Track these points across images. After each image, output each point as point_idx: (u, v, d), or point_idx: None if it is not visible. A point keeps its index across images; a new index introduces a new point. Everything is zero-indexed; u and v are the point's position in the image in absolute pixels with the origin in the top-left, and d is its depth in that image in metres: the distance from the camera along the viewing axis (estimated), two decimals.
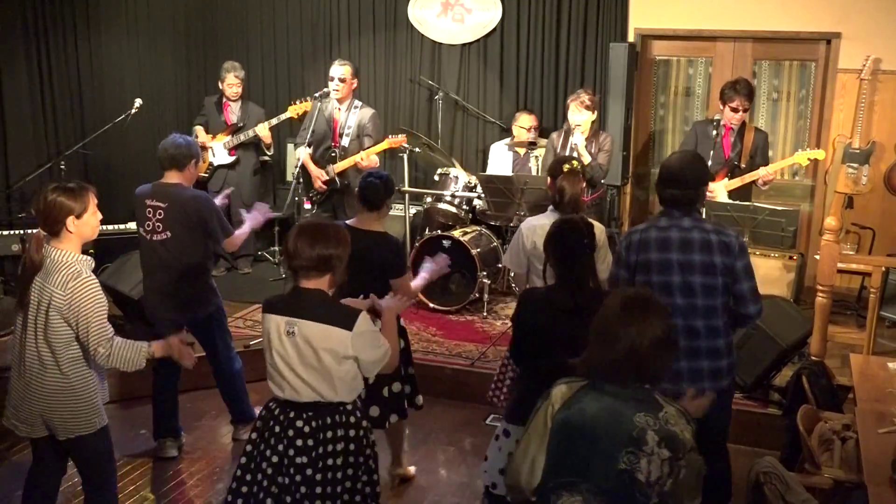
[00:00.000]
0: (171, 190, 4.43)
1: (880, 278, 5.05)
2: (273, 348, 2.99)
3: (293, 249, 2.95)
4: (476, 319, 6.40)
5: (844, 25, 6.74)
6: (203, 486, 4.44)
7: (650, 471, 2.22)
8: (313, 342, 2.93)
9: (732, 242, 3.40)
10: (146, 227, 4.43)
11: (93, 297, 3.23)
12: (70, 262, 3.24)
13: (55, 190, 3.26)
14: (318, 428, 3.00)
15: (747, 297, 3.43)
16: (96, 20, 7.30)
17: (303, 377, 2.97)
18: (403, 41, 7.87)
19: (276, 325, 2.98)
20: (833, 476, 3.48)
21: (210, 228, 4.42)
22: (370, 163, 6.15)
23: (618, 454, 2.23)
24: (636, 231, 3.55)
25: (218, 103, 7.17)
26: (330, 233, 3.00)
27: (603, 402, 2.32)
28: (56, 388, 3.30)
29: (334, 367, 2.95)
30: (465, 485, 4.47)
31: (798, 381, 4.36)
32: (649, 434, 2.23)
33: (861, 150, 6.68)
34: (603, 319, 2.38)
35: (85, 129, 7.12)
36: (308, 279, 2.99)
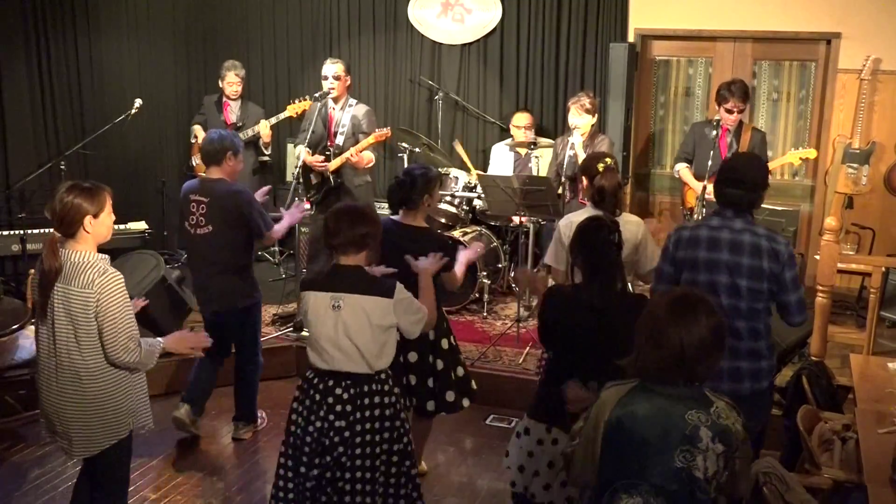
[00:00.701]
0: (213, 185, 4.58)
1: (880, 278, 5.06)
2: (317, 322, 3.26)
3: (334, 229, 3.26)
4: (476, 320, 6.40)
5: (844, 26, 6.74)
6: (203, 485, 4.44)
7: (706, 467, 2.25)
8: (361, 313, 3.22)
9: (782, 251, 3.36)
10: (190, 221, 4.58)
11: (120, 294, 3.19)
12: (92, 261, 3.20)
13: (71, 190, 3.21)
14: (356, 395, 3.27)
15: (793, 308, 3.42)
16: (96, 20, 7.30)
17: (344, 349, 3.23)
18: (403, 41, 7.87)
19: (320, 301, 3.26)
20: (833, 476, 3.48)
21: (251, 222, 4.57)
22: (361, 159, 6.13)
23: (673, 453, 2.26)
24: (686, 227, 3.55)
25: (218, 102, 7.16)
26: (365, 213, 3.34)
27: (654, 403, 2.33)
28: (92, 399, 3.21)
29: (379, 335, 3.25)
30: (465, 485, 4.48)
31: (798, 381, 4.36)
32: (702, 431, 2.25)
33: (861, 150, 6.68)
34: (651, 320, 2.38)
35: (85, 129, 7.12)
36: (347, 256, 3.29)
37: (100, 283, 3.14)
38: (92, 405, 3.23)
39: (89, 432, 3.25)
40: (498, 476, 4.54)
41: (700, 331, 2.30)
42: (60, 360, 3.20)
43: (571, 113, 5.84)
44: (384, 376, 3.35)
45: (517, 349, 5.67)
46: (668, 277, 3.54)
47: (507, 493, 4.36)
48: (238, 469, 4.64)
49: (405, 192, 4.04)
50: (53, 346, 3.21)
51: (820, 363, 4.61)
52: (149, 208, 7.53)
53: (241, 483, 4.49)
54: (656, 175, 7.66)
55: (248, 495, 4.37)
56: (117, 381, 3.27)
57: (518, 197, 5.59)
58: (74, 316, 3.16)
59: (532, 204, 5.61)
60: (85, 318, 3.15)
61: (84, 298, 3.14)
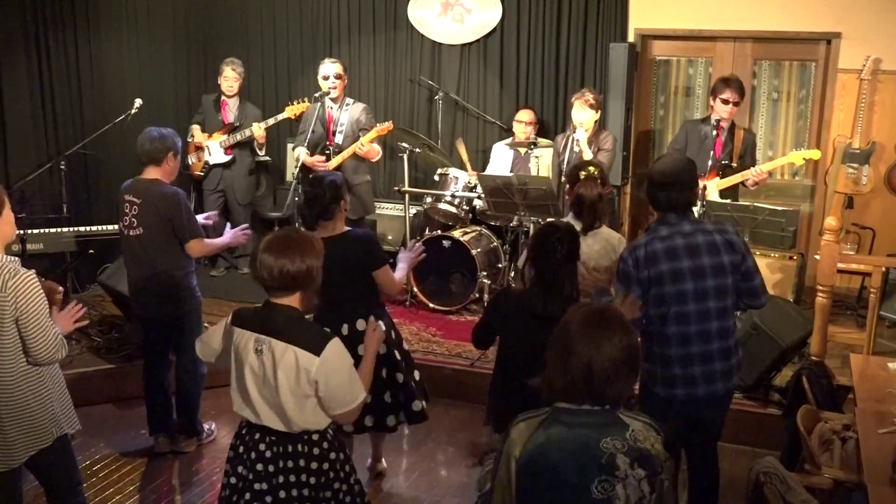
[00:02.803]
0: (148, 186, 4.41)
1: (880, 278, 5.05)
2: (239, 365, 2.84)
3: (261, 262, 2.76)
4: (476, 320, 6.38)
5: (844, 25, 6.74)
6: (203, 485, 4.44)
7: (628, 495, 2.12)
8: (282, 363, 2.75)
9: (736, 240, 3.42)
10: (124, 222, 4.45)
11: (37, 292, 3.05)
12: (2, 263, 3.02)
13: None
14: (278, 454, 2.84)
15: (759, 290, 3.47)
16: (96, 20, 7.30)
17: (267, 399, 2.80)
18: (403, 41, 7.86)
19: (244, 340, 2.83)
20: (833, 476, 3.48)
21: (175, 227, 4.38)
22: (370, 151, 6.18)
23: (590, 485, 2.12)
24: (639, 246, 3.43)
25: (216, 101, 7.16)
26: (297, 247, 2.78)
27: (564, 434, 2.18)
28: (7, 411, 3.08)
29: (294, 394, 2.76)
30: (464, 485, 4.47)
31: (798, 381, 4.36)
32: (619, 458, 2.13)
33: (861, 150, 6.68)
34: (561, 335, 2.23)
35: (85, 129, 7.11)
36: (276, 296, 2.83)
37: (13, 284, 2.99)
38: (7, 416, 3.09)
39: (7, 443, 3.11)
40: None
41: (611, 350, 2.15)
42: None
43: (575, 108, 5.84)
44: (316, 437, 2.86)
45: None
46: (638, 300, 3.40)
47: None
48: None
49: (321, 206, 3.81)
50: None
51: (820, 363, 4.61)
52: None
53: None
54: None
55: None
56: (33, 390, 3.15)
57: (518, 197, 5.59)
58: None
59: (532, 204, 5.60)
60: (5, 322, 3.01)
61: (1, 301, 2.99)
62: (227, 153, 7.08)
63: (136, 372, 4.85)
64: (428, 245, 6.32)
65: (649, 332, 3.46)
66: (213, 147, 7.06)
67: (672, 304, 3.36)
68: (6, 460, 3.14)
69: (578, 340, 2.18)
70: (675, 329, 3.39)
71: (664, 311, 3.39)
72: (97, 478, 4.46)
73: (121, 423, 5.05)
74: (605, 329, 2.18)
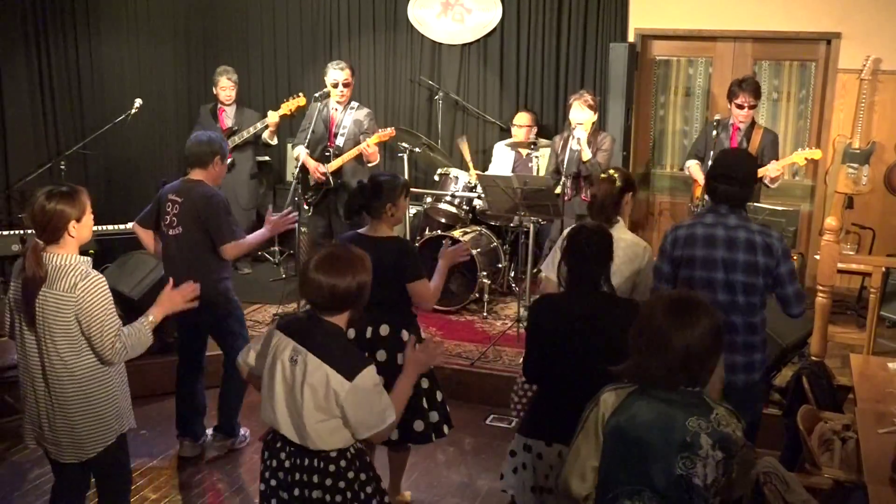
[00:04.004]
0: (192, 186, 4.42)
1: (880, 278, 5.05)
2: (276, 370, 2.78)
3: (309, 284, 2.71)
4: (476, 319, 6.40)
5: (844, 25, 6.74)
6: (204, 485, 4.44)
7: (706, 474, 2.21)
8: (312, 379, 2.68)
9: (775, 245, 3.42)
10: (164, 221, 4.45)
11: (103, 295, 3.15)
12: (75, 264, 3.14)
13: (51, 197, 3.14)
14: (295, 466, 2.79)
15: (791, 300, 3.48)
16: (96, 20, 7.30)
17: (290, 410, 2.74)
18: (403, 41, 7.87)
19: (282, 346, 2.78)
20: (833, 476, 3.48)
21: (210, 228, 4.35)
22: (374, 151, 6.14)
23: (673, 460, 2.22)
24: (682, 226, 3.57)
25: (213, 110, 7.14)
26: (348, 265, 2.73)
27: (654, 408, 2.29)
28: (78, 405, 3.19)
29: (319, 411, 2.69)
30: (465, 485, 4.47)
31: (798, 381, 4.36)
32: (703, 438, 2.22)
33: (861, 150, 6.68)
34: (649, 325, 2.31)
35: (85, 129, 7.12)
36: (324, 314, 2.77)
37: (82, 286, 3.10)
38: (78, 411, 3.19)
39: (78, 438, 3.22)
40: (497, 476, 4.54)
41: (703, 333, 2.26)
42: (49, 365, 3.16)
43: (574, 108, 5.85)
44: (334, 454, 2.75)
45: (517, 349, 5.67)
46: (668, 276, 3.58)
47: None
48: (239, 469, 4.64)
49: (365, 199, 3.79)
50: (39, 352, 3.16)
51: (820, 363, 4.61)
52: None
53: (241, 483, 4.49)
54: (656, 175, 7.66)
55: (246, 495, 4.36)
56: (101, 386, 3.23)
57: (518, 197, 5.59)
58: (57, 320, 3.11)
59: (532, 204, 5.61)
60: (65, 322, 3.11)
61: (65, 301, 3.10)
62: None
63: (138, 372, 4.84)
64: (428, 245, 6.34)
65: None
66: None
67: (700, 289, 3.41)
68: (77, 452, 3.24)
69: (671, 328, 2.26)
70: None
71: (655, 292, 3.48)
72: None
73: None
74: (694, 314, 2.28)
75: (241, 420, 4.80)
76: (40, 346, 3.16)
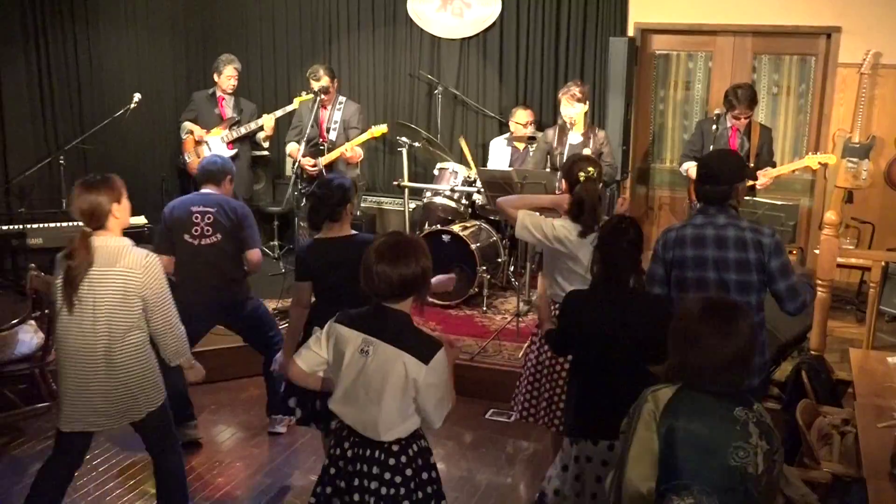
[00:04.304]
0: (217, 197, 4.67)
1: (880, 273, 5.05)
2: (341, 363, 2.80)
3: (376, 276, 2.73)
4: (475, 314, 6.40)
5: (844, 19, 6.73)
6: (203, 479, 4.45)
7: (758, 463, 2.25)
8: (386, 368, 2.72)
9: (767, 242, 3.42)
10: (192, 233, 4.56)
11: (162, 272, 3.44)
12: (126, 244, 3.39)
13: (90, 187, 3.37)
14: (357, 456, 2.82)
15: (784, 296, 3.46)
16: (95, 15, 7.29)
17: (358, 401, 2.77)
18: (403, 36, 7.86)
19: (351, 340, 2.79)
20: (832, 470, 3.48)
21: (245, 233, 4.61)
22: (355, 154, 6.41)
23: (727, 451, 2.26)
24: (672, 229, 3.60)
25: (211, 98, 7.12)
26: (411, 251, 2.76)
27: (704, 402, 2.34)
28: (120, 376, 3.42)
29: (397, 399, 2.73)
30: (464, 479, 4.48)
31: (797, 375, 4.36)
32: (751, 427, 2.27)
33: (861, 144, 6.67)
34: (691, 330, 2.36)
35: (84, 123, 7.11)
36: (391, 302, 2.79)
37: (144, 263, 3.37)
38: (131, 376, 3.44)
39: (134, 400, 3.47)
40: (497, 471, 4.55)
41: (748, 338, 2.34)
42: (110, 341, 3.37)
43: (563, 104, 5.86)
44: (396, 448, 2.79)
45: (517, 343, 5.67)
46: (660, 279, 3.58)
47: (506, 487, 4.38)
48: (237, 463, 4.65)
49: (329, 208, 3.81)
50: (95, 331, 3.35)
51: (819, 357, 4.61)
52: (147, 203, 7.50)
53: (241, 477, 4.50)
54: (656, 170, 7.66)
55: (246, 490, 4.37)
56: (149, 355, 3.52)
57: (517, 191, 5.58)
58: (119, 295, 3.34)
59: None
60: (128, 297, 3.35)
61: (128, 278, 3.34)
62: (229, 147, 7.07)
63: None
64: (427, 240, 6.34)
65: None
66: (214, 142, 7.04)
67: (692, 289, 3.46)
68: (130, 414, 3.50)
69: (718, 334, 2.32)
70: None
71: (685, 296, 3.46)
72: (97, 472, 4.47)
73: None
74: (735, 318, 2.34)
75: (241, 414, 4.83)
76: (96, 325, 3.35)
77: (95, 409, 3.44)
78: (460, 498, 4.34)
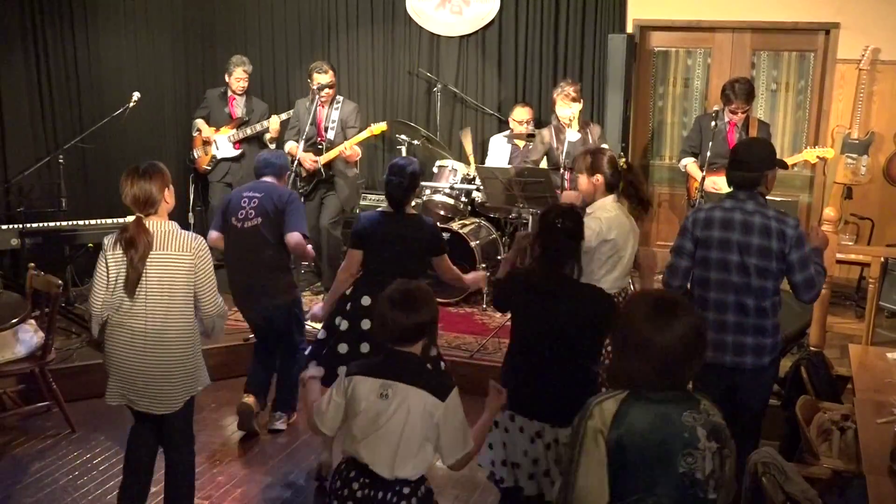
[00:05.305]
0: (267, 185, 4.80)
1: (879, 268, 5.06)
2: (360, 410, 2.85)
3: (390, 324, 2.85)
4: (475, 311, 6.41)
5: (843, 16, 6.73)
6: (203, 478, 4.45)
7: (705, 466, 2.21)
8: (405, 405, 2.80)
9: (790, 233, 3.51)
10: (238, 216, 4.69)
11: (210, 257, 3.58)
12: (175, 227, 3.53)
13: (143, 175, 3.48)
14: (367, 498, 2.85)
15: (800, 287, 3.57)
16: (94, 13, 7.28)
17: (376, 441, 2.82)
18: (402, 33, 7.85)
19: (369, 388, 2.85)
20: (832, 466, 3.49)
21: (288, 215, 4.66)
22: (353, 152, 6.45)
23: (676, 459, 2.21)
24: (702, 209, 3.71)
25: (223, 96, 7.15)
26: (423, 299, 2.90)
27: (650, 411, 2.26)
28: (179, 357, 3.54)
29: (419, 437, 2.81)
30: (464, 476, 4.47)
31: (797, 371, 4.36)
32: (699, 430, 2.22)
33: (860, 140, 6.68)
34: (630, 328, 2.30)
35: (83, 122, 7.10)
36: (403, 346, 2.90)
37: (196, 246, 3.51)
38: (182, 360, 3.55)
39: (175, 388, 3.55)
40: None
41: (682, 334, 2.24)
42: (153, 325, 3.47)
43: (558, 105, 5.87)
44: (407, 490, 2.84)
45: None
46: (689, 252, 3.69)
47: None
48: (237, 461, 4.65)
49: (403, 192, 4.13)
50: (145, 313, 3.47)
51: (819, 353, 4.61)
52: None
53: (241, 475, 4.50)
54: (655, 166, 7.66)
55: (246, 489, 4.38)
56: (193, 342, 3.60)
57: (516, 189, 5.59)
58: (174, 278, 3.47)
59: (530, 195, 5.60)
60: (186, 277, 3.49)
61: (182, 260, 3.48)
62: (235, 147, 7.10)
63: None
64: None
65: (689, 294, 3.71)
66: (221, 141, 7.08)
67: (714, 269, 3.58)
68: (169, 402, 3.57)
69: (652, 331, 2.25)
70: (714, 295, 3.61)
71: (707, 275, 3.61)
72: (97, 471, 4.47)
73: (120, 416, 5.05)
74: (674, 314, 2.26)
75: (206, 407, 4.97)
76: (147, 308, 3.47)
77: (136, 387, 3.54)
78: (461, 496, 4.35)
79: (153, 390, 3.54)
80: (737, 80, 5.75)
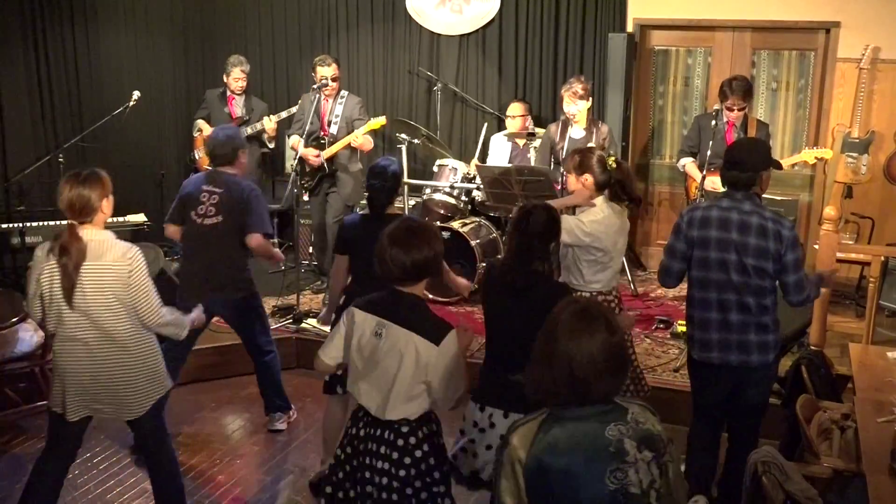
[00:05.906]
0: (227, 177, 4.58)
1: (879, 267, 5.06)
2: (357, 346, 2.89)
3: (386, 256, 2.82)
4: (475, 311, 6.40)
5: (843, 15, 6.72)
6: (203, 477, 4.45)
7: (640, 479, 2.09)
8: (398, 349, 2.80)
9: (786, 234, 3.52)
10: (198, 211, 4.56)
11: (146, 265, 3.47)
12: (111, 237, 3.43)
13: (81, 182, 3.41)
14: (369, 436, 2.89)
15: (790, 288, 3.58)
16: (94, 12, 7.28)
17: (370, 381, 2.85)
18: (402, 32, 7.85)
19: (366, 324, 2.88)
20: (832, 465, 3.49)
21: (250, 215, 4.51)
22: (365, 142, 6.43)
23: (603, 477, 2.07)
24: (698, 208, 3.69)
25: (222, 96, 7.15)
26: (423, 236, 2.86)
27: (568, 431, 2.12)
28: (137, 362, 3.48)
29: (411, 380, 2.80)
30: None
31: (797, 370, 4.37)
32: (626, 443, 2.10)
33: (860, 139, 6.67)
34: (546, 333, 2.18)
35: (83, 121, 7.10)
36: (403, 285, 2.88)
37: (131, 256, 3.40)
38: (138, 367, 3.49)
39: (137, 394, 3.50)
40: None
41: (591, 348, 2.10)
42: (103, 333, 3.41)
43: (565, 102, 5.87)
44: (406, 429, 2.85)
45: None
46: (681, 254, 3.70)
47: None
48: (237, 460, 4.65)
49: (387, 194, 4.11)
50: (89, 323, 3.39)
51: (819, 352, 4.61)
52: (147, 201, 7.53)
53: (241, 474, 4.50)
54: (655, 165, 7.65)
55: (246, 487, 4.38)
56: (152, 343, 3.56)
57: (517, 187, 5.59)
58: (112, 288, 3.37)
59: (531, 194, 5.59)
60: (123, 288, 3.38)
61: (119, 270, 3.37)
62: None
63: None
64: None
65: (690, 295, 3.72)
66: None
67: (715, 269, 3.58)
68: (135, 408, 3.53)
69: (561, 339, 2.13)
70: (716, 295, 3.61)
71: (707, 275, 3.62)
72: (97, 470, 4.47)
73: None
74: (589, 327, 2.13)
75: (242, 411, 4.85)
76: (90, 318, 3.38)
77: (92, 401, 3.49)
78: (463, 492, 4.34)
79: (119, 398, 3.48)
80: (735, 78, 5.74)
